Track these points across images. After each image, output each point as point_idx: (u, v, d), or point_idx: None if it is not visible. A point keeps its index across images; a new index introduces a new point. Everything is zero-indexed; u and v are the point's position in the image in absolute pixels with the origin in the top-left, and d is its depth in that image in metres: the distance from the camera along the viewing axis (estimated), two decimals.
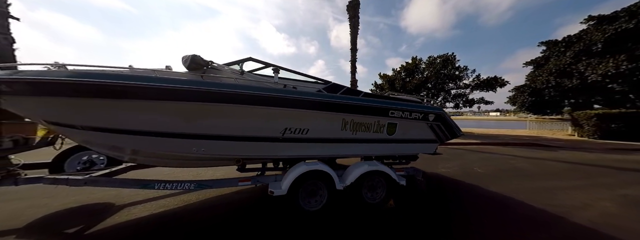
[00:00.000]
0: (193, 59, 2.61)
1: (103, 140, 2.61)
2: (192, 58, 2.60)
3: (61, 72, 2.24)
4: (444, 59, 12.08)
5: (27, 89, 2.16)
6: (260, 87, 2.64)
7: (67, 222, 2.69)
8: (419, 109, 3.21)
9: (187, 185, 2.74)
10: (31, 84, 2.11)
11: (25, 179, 2.73)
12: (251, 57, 3.05)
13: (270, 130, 2.75)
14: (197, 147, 2.67)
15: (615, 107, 12.49)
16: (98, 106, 2.30)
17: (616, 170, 5.13)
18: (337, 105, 2.85)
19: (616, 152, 8.14)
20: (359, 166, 2.96)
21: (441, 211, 2.87)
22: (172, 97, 2.33)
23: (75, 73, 2.22)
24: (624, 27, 12.47)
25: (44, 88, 2.13)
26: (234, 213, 2.91)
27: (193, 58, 2.61)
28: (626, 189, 3.75)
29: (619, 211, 2.82)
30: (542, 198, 3.28)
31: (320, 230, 2.42)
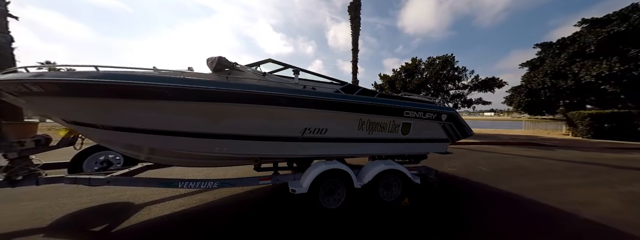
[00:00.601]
0: (219, 61, 2.67)
1: (127, 140, 2.65)
2: (219, 60, 2.67)
3: (93, 73, 2.29)
4: (443, 59, 12.33)
5: (60, 90, 2.19)
6: (283, 88, 2.71)
7: (92, 221, 2.73)
8: (433, 109, 3.33)
9: (210, 184, 2.80)
10: (66, 85, 2.15)
11: (46, 179, 2.77)
12: (271, 59, 3.13)
13: (290, 130, 2.83)
14: (220, 147, 2.73)
15: (607, 107, 12.90)
16: (128, 107, 2.35)
17: (613, 169, 5.34)
18: (354, 105, 2.94)
19: (610, 151, 8.43)
20: (376, 165, 3.06)
21: (456, 209, 2.98)
22: (200, 98, 2.39)
23: (107, 74, 2.27)
24: (616, 30, 12.89)
25: (79, 89, 2.18)
26: (253, 211, 2.98)
27: (219, 60, 2.67)
28: (627, 186, 3.93)
29: (624, 208, 2.98)
30: (550, 195, 3.43)
31: (340, 227, 2.50)
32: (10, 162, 2.64)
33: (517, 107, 15.22)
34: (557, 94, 13.85)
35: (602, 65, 12.55)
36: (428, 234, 2.33)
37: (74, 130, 2.92)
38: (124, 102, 2.31)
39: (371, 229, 2.45)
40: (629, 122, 11.71)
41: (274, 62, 3.19)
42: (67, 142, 3.01)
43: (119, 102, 2.31)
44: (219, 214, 2.92)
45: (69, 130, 2.91)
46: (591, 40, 13.01)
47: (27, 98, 2.42)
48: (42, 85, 2.17)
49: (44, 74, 2.27)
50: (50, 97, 2.29)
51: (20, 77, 2.20)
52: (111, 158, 3.50)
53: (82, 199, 3.32)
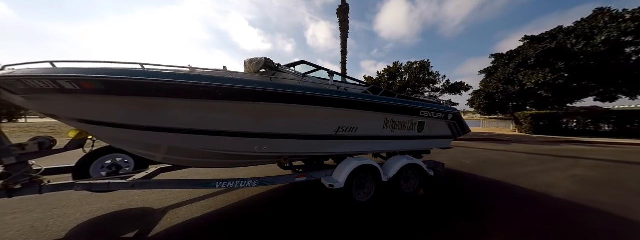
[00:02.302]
0: (266, 62, 2.69)
1: (162, 141, 2.51)
2: (265, 62, 2.69)
3: (139, 71, 2.15)
4: (421, 64, 13.59)
5: (103, 88, 2.01)
6: (323, 89, 2.86)
7: (117, 228, 2.53)
8: (441, 109, 3.82)
9: (249, 182, 2.81)
10: (113, 83, 1.99)
11: (51, 186, 2.47)
12: (304, 61, 3.23)
13: (326, 129, 3.00)
14: (259, 146, 2.77)
15: (543, 109, 15.77)
16: (174, 106, 2.25)
17: (556, 158, 6.69)
18: (382, 105, 3.24)
19: (547, 143, 10.42)
20: (399, 160, 3.41)
21: (461, 195, 3.51)
22: (248, 98, 2.41)
23: (153, 73, 2.15)
24: (548, 46, 15.82)
25: (126, 87, 2.03)
26: (286, 208, 3.05)
27: (266, 62, 2.69)
28: (571, 171, 5.03)
29: (577, 187, 3.87)
30: (524, 181, 4.23)
31: (374, 217, 2.77)
32: (5, 168, 2.28)
33: (477, 108, 17.62)
34: (507, 97, 16.42)
35: (539, 74, 15.27)
36: (448, 217, 2.75)
37: (85, 132, 2.62)
38: (170, 102, 2.21)
39: (402, 217, 2.77)
40: (557, 120, 14.53)
41: (307, 64, 3.30)
42: (76, 145, 2.67)
43: (165, 102, 2.20)
44: (254, 212, 2.93)
45: (80, 131, 2.59)
46: (531, 53, 15.72)
47: (39, 95, 2.14)
48: (80, 83, 1.96)
49: (71, 70, 2.03)
50: (82, 96, 2.07)
51: (53, 72, 1.95)
52: (119, 161, 3.18)
53: (88, 208, 3.00)
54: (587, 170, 5.08)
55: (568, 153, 7.59)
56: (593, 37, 14.81)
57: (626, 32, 13.97)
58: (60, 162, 3.55)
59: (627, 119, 13.05)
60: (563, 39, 15.88)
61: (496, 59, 18.59)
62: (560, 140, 11.26)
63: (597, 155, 7.12)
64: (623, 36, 14.12)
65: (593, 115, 13.95)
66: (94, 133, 2.63)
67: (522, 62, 15.98)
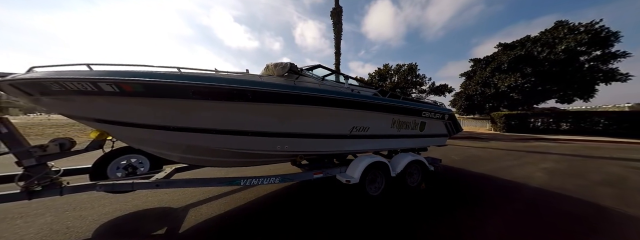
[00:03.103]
0: (291, 67, 2.86)
1: (190, 141, 2.58)
2: (290, 66, 2.86)
3: (176, 74, 2.22)
4: (409, 67, 14.36)
5: (142, 90, 2.07)
6: (341, 92, 3.10)
7: (144, 227, 2.55)
8: (439, 110, 4.23)
9: (272, 180, 2.96)
10: (152, 86, 2.06)
11: (72, 188, 2.45)
12: (320, 64, 3.43)
13: (342, 129, 3.24)
14: (281, 145, 2.94)
15: (514, 109, 17.42)
16: (208, 108, 2.35)
17: (527, 153, 7.56)
18: (391, 107, 3.55)
19: (519, 140, 11.60)
20: (405, 157, 3.74)
21: (457, 187, 3.94)
22: (276, 99, 2.57)
23: (191, 76, 2.24)
24: (518, 53, 17.52)
25: (165, 90, 2.11)
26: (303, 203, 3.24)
27: (291, 66, 2.86)
28: (542, 164, 5.77)
29: (549, 178, 4.50)
30: (505, 173, 4.80)
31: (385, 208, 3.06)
32: (25, 170, 2.23)
33: (459, 109, 18.99)
34: (484, 99, 17.89)
35: (511, 78, 16.86)
36: (451, 206, 3.13)
37: (105, 133, 2.60)
38: (204, 104, 2.31)
39: (411, 208, 3.10)
40: (525, 120, 16.15)
41: (323, 68, 3.50)
42: (97, 145, 2.63)
43: (199, 104, 2.30)
44: (276, 206, 3.08)
45: (101, 132, 2.57)
46: (504, 59, 17.30)
47: (70, 97, 2.14)
48: (121, 85, 2.00)
49: (111, 73, 2.07)
50: (119, 98, 2.10)
51: (94, 75, 1.97)
52: (134, 162, 3.15)
53: (103, 209, 2.96)
54: (554, 164, 5.87)
55: (537, 149, 8.58)
56: (555, 46, 16.65)
57: (581, 42, 15.92)
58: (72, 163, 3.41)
59: (581, 119, 14.90)
60: (530, 47, 17.65)
61: (475, 64, 20.16)
62: (529, 138, 12.58)
63: (560, 150, 8.15)
64: (579, 46, 16.07)
65: (554, 116, 15.70)
66: (117, 134, 2.62)
67: (497, 67, 17.51)
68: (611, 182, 4.12)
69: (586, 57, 16.78)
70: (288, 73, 2.96)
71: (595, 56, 16.54)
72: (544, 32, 18.28)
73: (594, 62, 16.57)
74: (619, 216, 2.80)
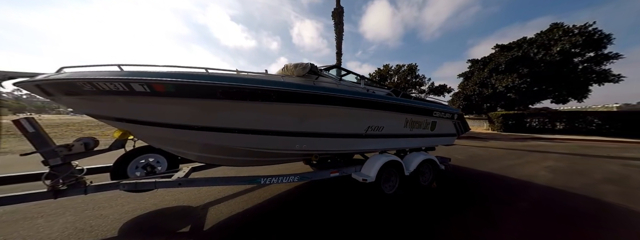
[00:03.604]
0: (312, 68, 2.91)
1: (212, 141, 2.60)
2: (311, 67, 2.90)
3: (205, 75, 2.25)
4: (409, 67, 14.53)
5: (173, 91, 2.11)
6: (358, 92, 3.15)
7: (166, 225, 2.57)
8: (449, 110, 4.32)
9: (291, 178, 3.00)
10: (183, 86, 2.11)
11: (95, 187, 2.47)
12: (337, 65, 3.48)
13: (358, 128, 3.29)
14: (300, 144, 2.98)
15: (510, 109, 17.77)
16: (232, 108, 2.38)
17: (528, 152, 7.75)
18: (405, 106, 3.61)
19: (517, 140, 11.86)
20: (417, 156, 3.82)
21: (467, 186, 4.04)
22: (299, 100, 2.61)
23: (218, 76, 2.27)
24: (515, 54, 17.86)
25: (193, 90, 2.15)
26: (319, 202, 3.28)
27: (312, 67, 2.90)
28: (544, 163, 5.94)
29: (553, 176, 4.64)
30: (510, 172, 4.94)
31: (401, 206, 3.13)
32: (51, 169, 2.22)
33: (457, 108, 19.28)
34: (482, 99, 18.19)
35: (508, 79, 17.19)
36: (465, 203, 3.21)
37: (128, 132, 2.60)
38: (230, 104, 2.34)
39: (426, 206, 3.18)
40: (522, 119, 16.50)
41: (339, 68, 3.54)
42: (119, 145, 2.63)
43: (225, 104, 2.33)
44: (293, 205, 3.12)
45: (123, 131, 2.57)
46: (502, 60, 17.62)
47: (99, 97, 2.15)
48: (153, 85, 2.02)
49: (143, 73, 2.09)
50: (149, 97, 2.11)
51: (126, 75, 1.99)
52: (152, 161, 3.15)
53: (122, 208, 2.97)
54: (555, 162, 6.04)
55: (536, 148, 8.80)
56: (550, 47, 17.03)
57: (575, 44, 16.32)
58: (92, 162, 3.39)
59: (575, 119, 15.29)
60: (527, 48, 18.01)
61: (472, 64, 20.50)
62: (526, 137, 12.86)
63: (558, 149, 8.37)
64: (573, 48, 16.47)
65: (550, 116, 16.09)
66: (140, 133, 2.62)
67: (495, 68, 17.83)
68: (613, 180, 4.28)
69: (580, 58, 17.23)
70: (309, 73, 3.00)
71: (588, 57, 17.00)
72: (540, 34, 18.66)
73: (588, 63, 17.03)
74: (626, 213, 2.93)
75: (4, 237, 2.24)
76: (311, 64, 2.95)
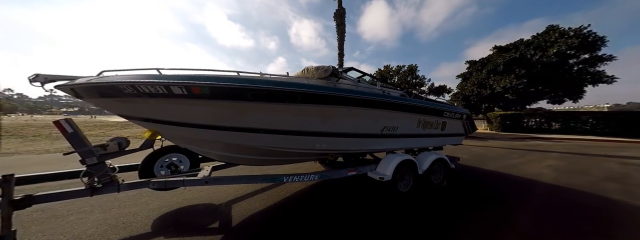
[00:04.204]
0: (333, 71, 3.02)
1: (238, 140, 2.70)
2: (333, 70, 3.02)
3: (236, 78, 2.36)
4: (409, 68, 14.73)
5: (208, 93, 2.21)
6: (375, 93, 3.27)
7: (195, 221, 2.66)
8: (458, 110, 4.47)
9: (312, 177, 3.11)
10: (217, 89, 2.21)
11: (127, 185, 2.54)
12: (353, 67, 3.59)
13: (374, 128, 3.41)
14: (320, 143, 3.09)
15: (508, 110, 18.12)
16: (261, 109, 2.48)
17: (528, 151, 7.97)
18: (418, 107, 3.75)
19: (516, 139, 12.13)
20: (430, 155, 3.95)
21: (476, 183, 4.19)
22: (323, 101, 2.72)
23: (248, 79, 2.37)
24: (513, 56, 18.22)
25: (226, 93, 2.25)
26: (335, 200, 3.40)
27: (333, 70, 3.02)
28: (545, 162, 6.14)
29: (556, 174, 4.83)
30: (515, 171, 5.11)
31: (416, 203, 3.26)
32: (88, 168, 2.30)
33: None
34: (480, 99, 18.51)
35: (506, 80, 17.53)
36: (479, 200, 3.36)
37: (156, 132, 2.68)
38: (259, 105, 2.44)
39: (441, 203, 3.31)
40: (519, 119, 16.85)
41: (356, 71, 3.66)
42: (149, 144, 2.71)
43: (254, 105, 2.43)
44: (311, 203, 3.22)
45: (153, 131, 2.65)
46: (500, 61, 17.96)
47: (136, 99, 2.24)
48: (191, 88, 2.11)
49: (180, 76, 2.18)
50: (184, 99, 2.20)
51: (166, 79, 2.09)
52: (175, 160, 3.23)
53: (147, 206, 3.05)
54: (556, 161, 6.25)
55: (535, 147, 9.04)
56: (547, 49, 17.41)
57: (571, 46, 16.72)
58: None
59: (570, 119, 15.68)
60: (524, 49, 18.38)
61: (471, 65, 20.84)
62: (524, 137, 13.15)
63: (557, 149, 8.62)
64: (569, 50, 16.87)
65: (546, 116, 16.45)
66: (168, 133, 2.71)
67: (493, 69, 18.16)
68: (614, 178, 4.47)
69: (575, 60, 17.66)
70: (330, 75, 3.11)
71: (583, 59, 17.43)
72: (536, 36, 19.06)
73: (583, 64, 17.46)
74: (630, 208, 3.09)
75: (42, 233, 2.31)
76: (333, 66, 3.07)
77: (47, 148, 7.62)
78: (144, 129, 2.69)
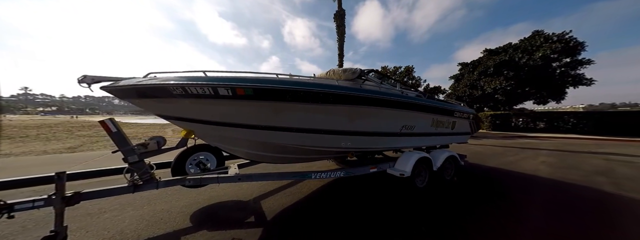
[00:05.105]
0: (361, 72, 3.17)
1: (271, 139, 2.80)
2: (361, 71, 3.17)
3: (275, 79, 2.46)
4: (406, 69, 15.14)
5: (252, 94, 2.31)
6: (397, 94, 3.45)
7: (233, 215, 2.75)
8: (466, 110, 4.75)
9: (338, 173, 3.26)
10: (259, 90, 2.31)
11: (165, 182, 2.61)
12: (374, 69, 3.76)
13: (394, 127, 3.60)
14: (345, 142, 3.24)
15: (497, 110, 19.02)
16: (296, 109, 2.60)
17: (521, 149, 8.48)
18: (433, 107, 3.97)
19: (507, 138, 12.80)
20: (443, 152, 4.19)
21: (484, 179, 4.49)
22: (353, 102, 2.87)
23: (283, 80, 2.49)
24: (502, 58, 19.13)
25: (267, 94, 2.36)
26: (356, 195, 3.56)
27: (361, 71, 3.17)
28: (540, 158, 6.60)
29: (551, 170, 5.23)
30: (514, 167, 5.48)
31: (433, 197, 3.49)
32: (130, 166, 2.34)
33: None
34: (472, 100, 19.30)
35: (495, 81, 18.38)
36: (491, 194, 3.63)
37: (191, 131, 2.74)
38: (294, 105, 2.56)
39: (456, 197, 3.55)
40: (508, 119, 17.74)
41: (377, 72, 3.83)
42: (184, 143, 2.76)
43: (290, 105, 2.54)
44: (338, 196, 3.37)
45: (188, 130, 2.70)
46: (490, 64, 18.80)
47: (180, 100, 2.31)
48: (236, 89, 2.20)
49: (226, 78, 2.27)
50: (227, 100, 2.29)
51: (213, 81, 2.17)
52: (202, 159, 3.28)
53: (178, 203, 3.11)
54: (548, 158, 6.72)
55: (526, 145, 9.62)
56: (533, 53, 18.40)
57: (555, 50, 17.76)
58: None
59: (554, 119, 16.68)
60: (512, 53, 19.32)
61: (463, 67, 21.67)
62: (514, 135, 13.88)
63: (545, 146, 9.21)
64: (553, 54, 17.92)
65: (532, 115, 17.41)
66: (202, 132, 2.77)
67: (484, 71, 18.97)
68: (602, 173, 4.91)
69: (558, 63, 18.79)
70: (356, 77, 3.26)
71: (565, 63, 18.58)
72: (524, 40, 20.07)
73: (565, 68, 18.61)
74: (625, 199, 3.43)
75: (85, 230, 2.32)
76: (360, 69, 3.22)
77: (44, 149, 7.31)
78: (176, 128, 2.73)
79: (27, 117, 43.74)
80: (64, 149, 7.04)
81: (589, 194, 3.64)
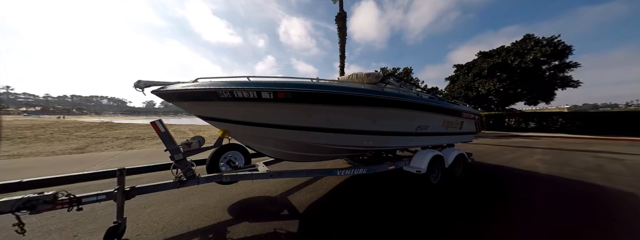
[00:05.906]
0: (384, 76, 3.40)
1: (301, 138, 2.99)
2: (384, 76, 3.39)
3: (312, 84, 2.66)
4: (405, 70, 15.54)
5: (291, 97, 2.50)
6: (415, 96, 3.71)
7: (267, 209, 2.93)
8: (473, 111, 5.07)
9: (361, 170, 3.48)
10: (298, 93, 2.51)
11: (205, 178, 2.77)
12: (391, 73, 4.00)
13: (410, 127, 3.85)
14: (367, 141, 3.47)
15: (490, 110, 19.73)
16: (326, 111, 2.80)
17: (517, 148, 8.92)
18: (446, 109, 4.25)
19: (501, 137, 13.35)
20: (453, 151, 4.48)
21: (489, 175, 4.80)
22: (378, 104, 3.09)
23: (319, 85, 2.69)
24: (496, 61, 19.86)
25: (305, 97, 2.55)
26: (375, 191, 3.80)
27: (384, 76, 3.40)
28: (536, 156, 7.02)
29: (548, 166, 5.62)
30: (515, 164, 5.84)
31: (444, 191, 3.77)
32: (176, 163, 2.50)
33: None
34: (467, 101, 19.94)
35: (489, 83, 19.07)
36: (499, 188, 3.93)
37: (227, 131, 2.91)
38: (327, 108, 2.76)
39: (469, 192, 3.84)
40: (501, 119, 18.44)
41: (394, 76, 4.08)
42: (220, 142, 2.92)
43: (324, 108, 2.74)
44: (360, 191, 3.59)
45: (224, 130, 2.87)
46: (484, 66, 19.49)
47: (224, 103, 2.48)
48: (277, 93, 2.38)
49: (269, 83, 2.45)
50: (268, 103, 2.47)
51: (259, 85, 2.38)
52: (231, 157, 3.44)
53: (210, 199, 3.26)
54: (543, 156, 7.15)
55: (520, 144, 10.10)
56: (525, 55, 19.18)
57: (545, 53, 18.58)
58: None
59: (544, 119, 17.46)
60: (505, 55, 20.08)
61: (458, 69, 22.36)
62: (507, 135, 14.48)
63: (538, 145, 9.71)
64: (543, 57, 18.74)
65: (524, 116, 18.16)
66: (237, 132, 2.94)
67: (478, 73, 19.63)
68: (593, 169, 5.32)
69: (547, 66, 19.66)
70: (379, 80, 3.49)
71: (554, 65, 19.47)
72: (516, 43, 20.88)
73: (553, 70, 19.50)
74: (617, 192, 3.78)
75: (135, 222, 2.47)
76: (382, 73, 3.45)
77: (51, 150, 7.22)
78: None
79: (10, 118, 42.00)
80: (72, 150, 6.99)
81: (583, 189, 3.99)
